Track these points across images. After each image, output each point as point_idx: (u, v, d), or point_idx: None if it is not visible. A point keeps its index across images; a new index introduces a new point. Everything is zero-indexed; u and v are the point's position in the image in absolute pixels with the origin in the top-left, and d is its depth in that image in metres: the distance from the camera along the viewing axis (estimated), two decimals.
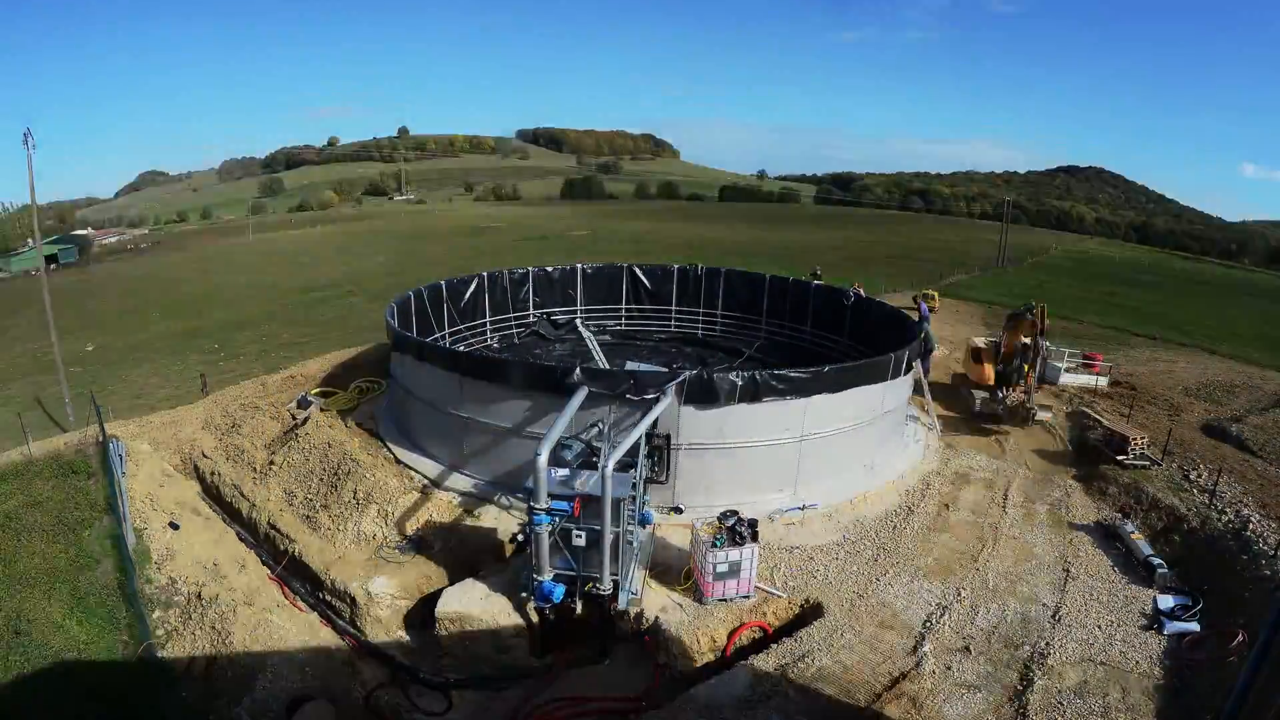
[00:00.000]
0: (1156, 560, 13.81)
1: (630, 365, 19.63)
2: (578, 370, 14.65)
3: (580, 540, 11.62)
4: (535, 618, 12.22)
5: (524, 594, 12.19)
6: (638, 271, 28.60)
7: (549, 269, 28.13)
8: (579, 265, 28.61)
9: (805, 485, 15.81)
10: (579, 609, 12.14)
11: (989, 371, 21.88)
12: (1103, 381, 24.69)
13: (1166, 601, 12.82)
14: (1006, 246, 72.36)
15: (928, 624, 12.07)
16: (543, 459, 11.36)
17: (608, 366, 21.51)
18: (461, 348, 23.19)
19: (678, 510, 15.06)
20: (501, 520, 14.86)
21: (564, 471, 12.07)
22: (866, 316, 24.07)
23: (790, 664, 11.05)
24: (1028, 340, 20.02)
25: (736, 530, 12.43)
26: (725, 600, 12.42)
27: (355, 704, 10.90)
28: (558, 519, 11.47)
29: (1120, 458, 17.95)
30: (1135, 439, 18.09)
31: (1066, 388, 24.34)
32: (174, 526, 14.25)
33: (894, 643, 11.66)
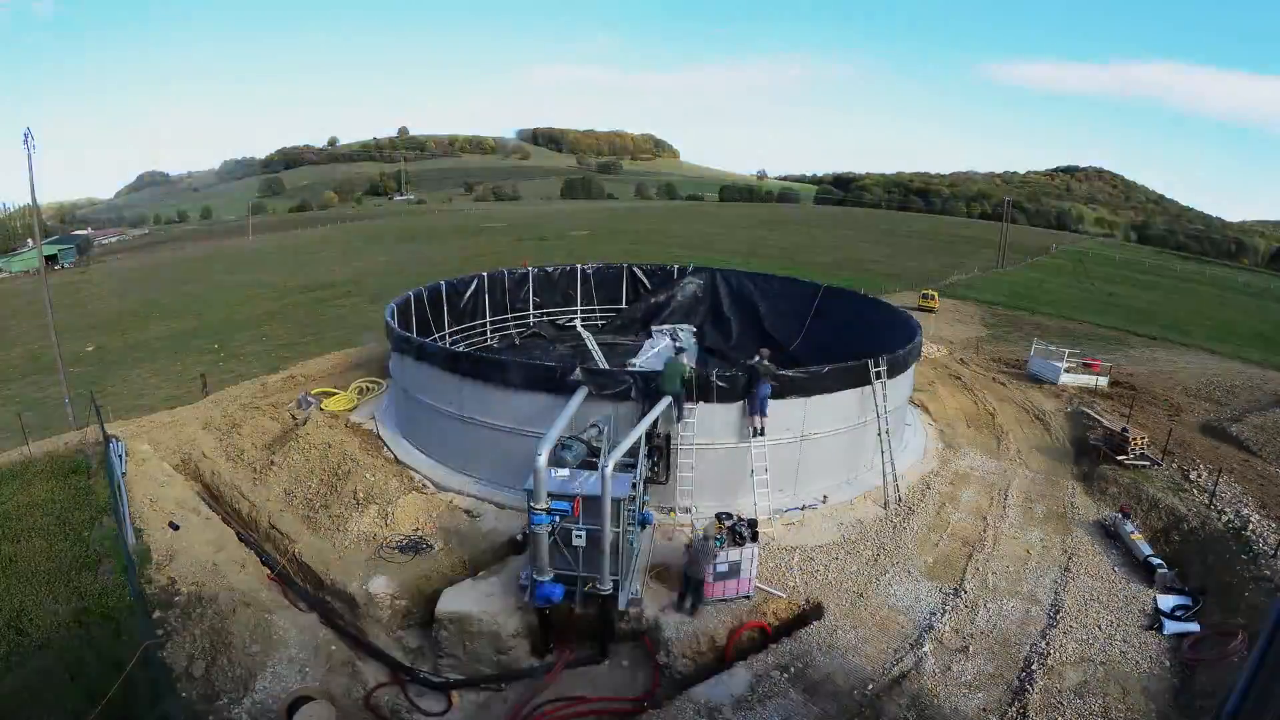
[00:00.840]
0: (1156, 560, 13.80)
1: (631, 365, 19.60)
2: (578, 370, 14.66)
3: (580, 540, 11.60)
4: (535, 618, 12.21)
5: (524, 594, 12.18)
6: (638, 271, 28.59)
7: (549, 269, 28.11)
8: (579, 265, 28.61)
9: (805, 485, 15.80)
10: (579, 609, 12.13)
11: None
12: (1103, 381, 24.72)
13: (1166, 601, 12.82)
14: (1006, 246, 72.40)
15: (928, 624, 12.07)
16: (542, 459, 11.34)
17: (608, 366, 21.50)
18: (461, 348, 23.18)
19: (678, 510, 15.05)
20: (501, 520, 14.86)
21: (564, 471, 12.04)
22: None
23: (790, 664, 11.05)
24: None
25: (736, 530, 12.42)
26: (725, 600, 12.41)
27: (355, 704, 10.88)
28: (557, 519, 11.45)
29: (1120, 458, 17.95)
30: (1135, 439, 18.09)
31: (1066, 388, 24.37)
32: (174, 527, 14.25)
33: (894, 643, 11.66)
